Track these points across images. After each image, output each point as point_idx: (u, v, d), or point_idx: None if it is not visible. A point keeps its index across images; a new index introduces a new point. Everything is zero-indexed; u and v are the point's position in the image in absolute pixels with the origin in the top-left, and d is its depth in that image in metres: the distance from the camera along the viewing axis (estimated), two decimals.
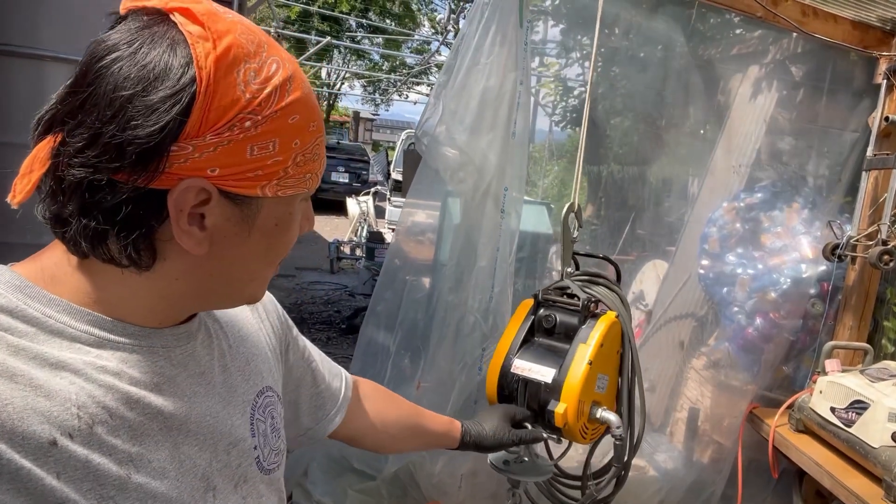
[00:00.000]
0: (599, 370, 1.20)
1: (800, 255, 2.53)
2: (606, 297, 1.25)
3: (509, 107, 1.90)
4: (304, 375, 0.89)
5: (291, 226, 0.64)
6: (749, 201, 2.78)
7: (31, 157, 0.56)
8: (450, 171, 1.95)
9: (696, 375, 2.95)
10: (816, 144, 2.54)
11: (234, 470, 0.66)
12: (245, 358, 0.73)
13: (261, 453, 0.70)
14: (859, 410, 1.88)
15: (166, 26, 0.54)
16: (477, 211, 1.94)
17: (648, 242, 4.03)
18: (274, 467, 0.73)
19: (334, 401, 0.94)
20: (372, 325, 2.04)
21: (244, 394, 0.70)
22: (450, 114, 1.92)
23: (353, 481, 2.42)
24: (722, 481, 2.34)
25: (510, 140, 1.90)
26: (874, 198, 2.26)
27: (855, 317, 2.35)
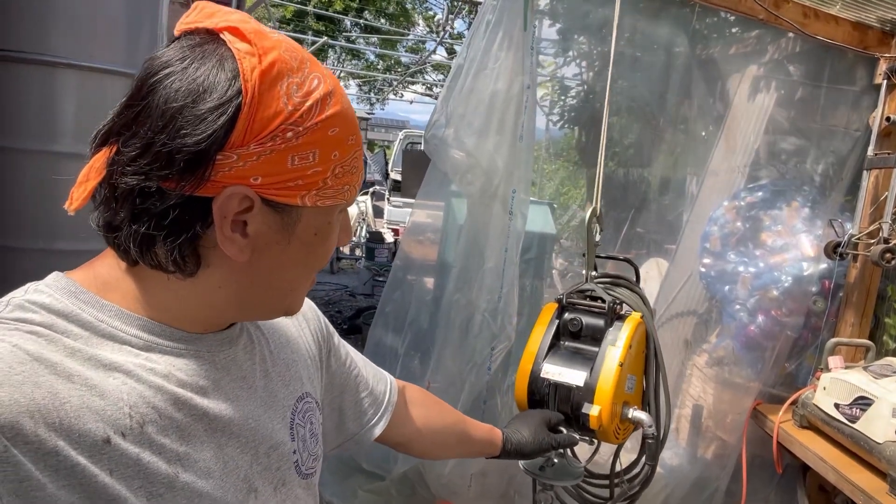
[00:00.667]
0: (629, 371, 1.23)
1: (801, 254, 2.56)
2: (630, 299, 1.28)
3: (516, 110, 1.92)
4: (347, 381, 0.91)
5: (330, 236, 0.66)
6: (750, 200, 2.81)
7: (88, 167, 0.59)
8: (458, 173, 1.97)
9: (698, 373, 2.98)
10: (816, 143, 2.57)
11: (274, 473, 0.68)
12: (285, 364, 0.74)
13: (300, 458, 0.72)
14: (863, 406, 1.91)
15: (216, 44, 0.57)
16: (485, 213, 1.96)
17: (648, 240, 4.05)
18: (311, 472, 0.75)
19: (378, 406, 0.94)
20: (380, 326, 2.06)
21: (284, 399, 0.72)
22: (458, 117, 1.94)
23: (363, 482, 2.44)
24: (726, 477, 2.37)
25: (517, 143, 1.93)
26: (875, 196, 2.29)
27: (856, 314, 2.39)
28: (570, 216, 5.84)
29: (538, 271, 2.46)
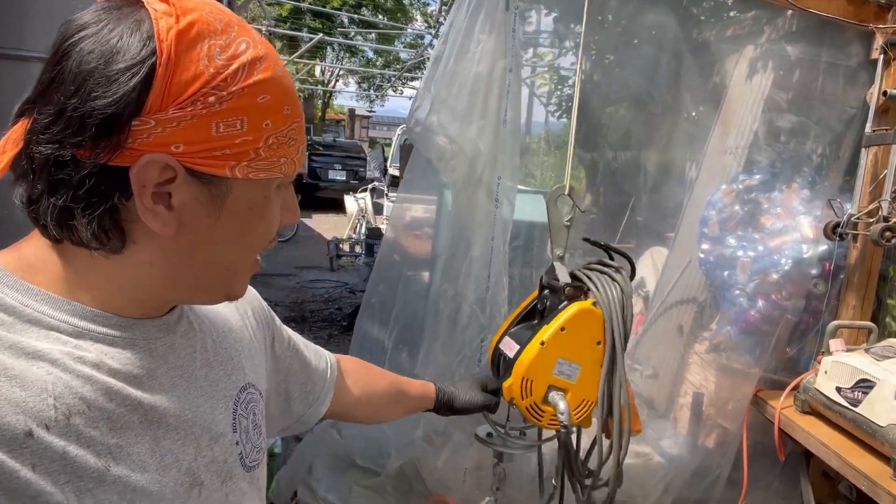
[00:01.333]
0: (560, 354, 1.18)
1: (800, 236, 2.50)
2: (601, 286, 1.22)
3: (499, 95, 1.87)
4: (292, 364, 0.90)
5: (266, 213, 0.63)
6: (748, 183, 2.75)
7: (6, 138, 0.56)
8: (442, 160, 1.92)
9: (698, 360, 2.93)
10: (814, 122, 2.51)
11: (221, 465, 0.66)
12: (228, 354, 0.72)
13: (243, 449, 0.70)
14: (865, 389, 1.86)
15: (135, 7, 0.55)
16: (469, 200, 1.91)
17: (648, 229, 4.01)
18: (255, 465, 0.72)
19: (322, 383, 0.95)
20: (366, 319, 2.01)
21: (226, 389, 0.70)
22: (440, 102, 1.89)
23: (358, 477, 2.41)
24: (727, 465, 2.32)
25: (501, 128, 1.88)
26: (874, 174, 2.23)
27: (858, 296, 2.33)
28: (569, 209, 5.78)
29: (528, 260, 2.42)
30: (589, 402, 1.24)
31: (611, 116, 4.38)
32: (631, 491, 2.27)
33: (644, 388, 3.04)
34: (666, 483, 2.28)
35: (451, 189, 1.96)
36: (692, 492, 2.29)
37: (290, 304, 6.09)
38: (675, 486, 2.27)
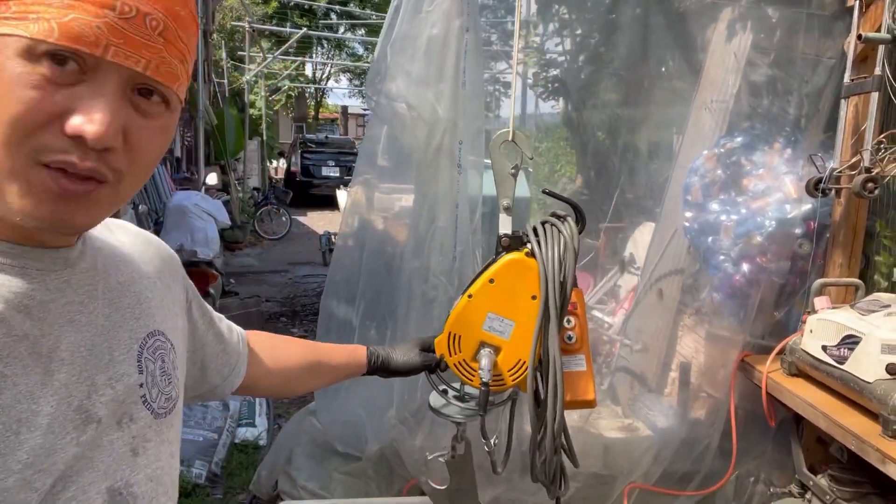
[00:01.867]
0: (490, 309, 1.09)
1: (784, 196, 2.42)
2: (541, 236, 1.13)
3: (456, 56, 1.80)
4: (207, 335, 0.88)
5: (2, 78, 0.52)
6: (729, 146, 2.68)
7: None
8: (402, 128, 1.85)
9: (688, 331, 2.87)
10: (793, 77, 2.43)
11: (119, 405, 0.63)
12: (136, 298, 0.70)
13: (148, 392, 0.67)
14: (851, 346, 1.78)
15: None
16: (431, 168, 1.84)
17: (639, 206, 3.95)
18: (164, 412, 0.69)
19: (237, 356, 0.94)
20: (331, 297, 1.94)
21: (132, 331, 0.67)
22: (396, 68, 1.82)
23: (338, 464, 2.35)
24: (716, 434, 2.25)
25: (460, 91, 1.80)
26: (856, 126, 2.15)
27: (844, 253, 2.25)
28: (561, 190, 5.73)
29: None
30: (525, 362, 1.12)
31: (597, 96, 4.32)
32: (617, 465, 2.20)
33: (634, 362, 2.97)
34: (653, 455, 2.22)
35: (412, 158, 1.89)
36: (681, 463, 2.22)
37: (282, 300, 6.03)
38: (664, 457, 2.20)
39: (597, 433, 2.45)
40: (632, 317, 3.28)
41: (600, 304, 4.03)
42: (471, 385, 1.14)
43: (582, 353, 1.26)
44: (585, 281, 4.19)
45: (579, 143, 4.64)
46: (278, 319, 5.34)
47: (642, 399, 2.76)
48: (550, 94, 5.50)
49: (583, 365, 1.26)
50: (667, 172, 3.25)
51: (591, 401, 1.25)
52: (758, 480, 2.45)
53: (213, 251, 3.78)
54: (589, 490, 2.13)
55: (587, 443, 2.26)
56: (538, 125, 6.33)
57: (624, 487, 2.13)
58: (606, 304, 4.02)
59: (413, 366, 1.12)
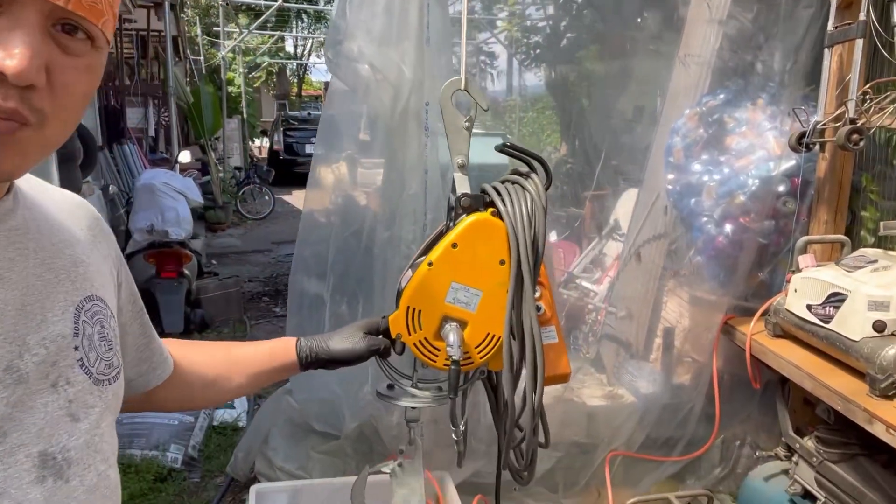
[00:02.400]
0: (453, 277, 0.98)
1: (767, 153, 2.35)
2: (505, 194, 1.03)
3: (419, 10, 1.69)
4: (133, 323, 0.82)
5: None
6: (711, 104, 2.60)
7: None
8: (364, 89, 1.75)
9: (672, 296, 2.82)
10: (774, 28, 2.34)
11: (51, 367, 0.60)
12: (73, 261, 0.67)
13: (85, 356, 0.64)
14: (836, 304, 1.73)
15: None
16: (398, 132, 1.75)
17: (623, 173, 3.88)
18: (105, 380, 0.66)
19: (161, 357, 0.87)
20: (300, 273, 1.86)
21: (68, 293, 0.64)
22: (356, 26, 1.72)
23: (316, 443, 2.29)
24: (700, 399, 2.20)
25: (425, 48, 1.70)
26: (840, 77, 2.07)
27: (829, 210, 2.19)
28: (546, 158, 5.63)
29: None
30: (496, 336, 1.02)
31: (580, 61, 4.22)
32: (599, 433, 2.15)
33: (619, 329, 2.92)
34: (636, 421, 2.17)
35: (379, 123, 1.79)
36: (664, 429, 2.18)
37: (265, 280, 5.93)
38: (646, 423, 2.15)
39: (580, 402, 2.40)
40: (616, 284, 3.23)
41: (586, 272, 3.98)
42: (434, 367, 1.02)
43: (552, 323, 1.17)
44: (571, 249, 4.13)
45: (563, 111, 4.55)
46: (260, 299, 5.25)
47: (626, 366, 2.72)
48: (532, 60, 5.39)
49: (555, 336, 1.17)
50: (651, 137, 3.18)
51: (567, 374, 1.17)
52: (744, 444, 2.42)
53: (186, 231, 3.67)
54: (571, 459, 2.09)
55: (569, 412, 2.21)
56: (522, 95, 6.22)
57: (606, 455, 2.08)
58: (592, 273, 3.97)
59: (357, 353, 0.98)
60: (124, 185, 5.15)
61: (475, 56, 7.38)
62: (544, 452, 1.30)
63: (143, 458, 2.52)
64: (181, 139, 9.96)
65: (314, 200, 1.88)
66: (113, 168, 5.27)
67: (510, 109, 6.43)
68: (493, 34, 6.47)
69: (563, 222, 4.37)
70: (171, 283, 3.58)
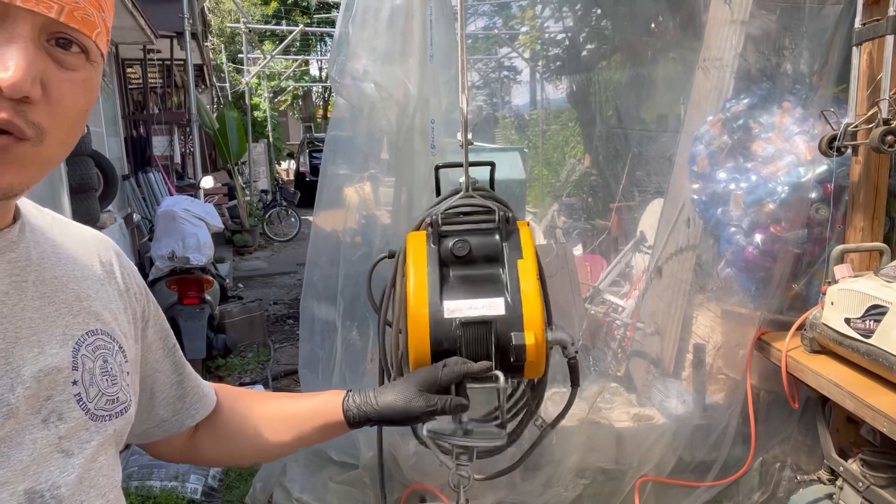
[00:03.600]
0: None
1: (796, 158, 2.24)
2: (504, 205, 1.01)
3: (422, 28, 1.65)
4: (164, 361, 0.81)
5: None
6: (735, 109, 2.49)
7: None
8: (370, 108, 1.71)
9: (703, 310, 2.70)
10: (799, 27, 2.24)
11: (44, 402, 0.59)
12: (76, 295, 0.66)
13: (84, 391, 0.62)
14: (877, 317, 1.61)
15: None
16: (405, 150, 1.70)
17: (649, 183, 3.79)
18: (105, 416, 0.64)
19: (196, 394, 0.85)
20: (311, 298, 1.81)
21: (68, 327, 0.63)
22: (359, 45, 1.67)
23: (334, 473, 2.23)
24: (734, 418, 2.08)
25: (429, 65, 1.65)
26: (871, 76, 1.96)
27: (866, 216, 2.06)
28: (570, 171, 5.55)
29: None
30: None
31: (602, 72, 4.17)
32: (627, 458, 2.05)
33: (649, 346, 2.82)
34: (666, 443, 2.06)
35: (386, 141, 1.75)
36: (697, 452, 2.06)
37: (290, 302, 5.93)
38: (677, 445, 2.04)
39: (607, 424, 2.29)
40: (644, 299, 3.13)
41: (614, 286, 3.88)
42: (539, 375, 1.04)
43: None
44: (598, 263, 4.03)
45: (585, 122, 4.48)
46: (285, 322, 5.24)
47: (657, 384, 2.61)
48: (553, 73, 5.33)
49: None
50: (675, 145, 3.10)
51: None
52: (784, 466, 2.28)
53: (206, 256, 3.67)
54: (598, 486, 1.98)
55: (596, 435, 2.11)
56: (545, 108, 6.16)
57: (635, 482, 1.98)
58: (620, 287, 3.87)
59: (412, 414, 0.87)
60: (149, 213, 5.21)
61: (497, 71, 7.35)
62: (571, 480, 1.25)
63: (162, 490, 2.49)
64: (209, 165, 10.10)
65: (324, 222, 1.84)
66: (139, 196, 5.35)
67: (533, 123, 6.38)
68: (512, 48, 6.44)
69: (590, 235, 4.28)
70: (194, 309, 3.58)
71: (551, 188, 5.49)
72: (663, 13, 3.19)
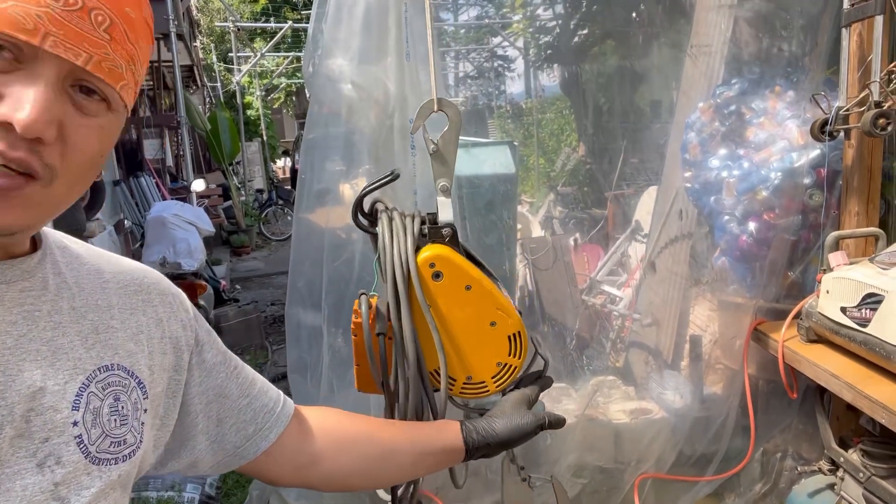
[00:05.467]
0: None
1: (789, 143, 2.20)
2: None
3: (397, 25, 1.61)
4: (229, 381, 0.78)
5: None
6: (727, 95, 2.45)
7: None
8: (348, 109, 1.67)
9: (700, 300, 2.67)
10: (787, 9, 2.20)
11: (39, 444, 0.55)
12: (94, 327, 0.63)
13: (85, 433, 0.59)
14: (873, 305, 1.58)
15: None
16: (385, 151, 1.66)
17: (644, 170, 3.77)
18: (109, 459, 0.60)
19: (267, 414, 0.81)
20: (296, 305, 1.78)
21: (80, 360, 0.60)
22: (333, 43, 1.63)
23: None
24: (733, 409, 2.05)
25: (405, 63, 1.61)
26: (861, 58, 1.92)
27: (860, 201, 2.03)
28: (564, 160, 5.51)
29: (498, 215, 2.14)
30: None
31: (594, 59, 4.12)
32: (625, 455, 2.02)
33: (646, 338, 2.79)
34: (666, 437, 2.03)
35: (364, 143, 1.71)
36: (697, 445, 2.03)
37: None
38: (676, 439, 2.01)
39: (605, 420, 2.27)
40: (640, 289, 3.10)
41: (611, 275, 3.85)
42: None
43: None
44: (595, 252, 4.00)
45: (578, 110, 4.44)
46: (283, 323, 5.21)
47: (655, 377, 2.58)
48: (545, 61, 5.28)
49: None
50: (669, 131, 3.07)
51: None
52: (785, 456, 2.26)
53: (198, 261, 3.65)
54: (596, 485, 1.96)
55: (593, 433, 2.08)
56: (540, 97, 6.10)
57: (635, 479, 1.95)
58: (617, 277, 3.84)
59: (526, 430, 0.90)
60: (141, 219, 5.19)
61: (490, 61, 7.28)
62: (569, 480, 1.24)
63: (158, 500, 2.47)
64: (203, 166, 10.06)
65: (304, 227, 1.80)
66: (130, 201, 5.32)
67: (528, 112, 6.32)
68: (504, 37, 6.37)
69: (587, 224, 4.24)
70: None
71: (547, 178, 5.44)
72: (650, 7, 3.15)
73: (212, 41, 13.90)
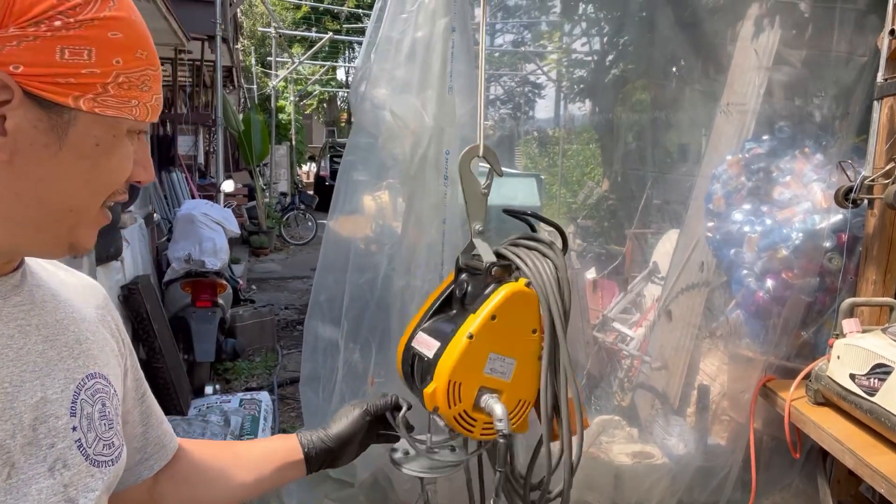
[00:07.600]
0: (492, 349, 0.97)
1: (812, 205, 2.23)
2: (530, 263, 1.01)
3: (442, 59, 1.67)
4: (133, 410, 0.80)
5: (115, 153, 0.60)
6: (756, 151, 2.49)
7: None
8: (387, 135, 1.73)
9: (711, 350, 2.69)
10: (823, 75, 2.24)
11: (47, 450, 0.59)
12: (76, 338, 0.67)
13: (83, 437, 0.63)
14: (882, 376, 1.60)
15: None
16: (417, 180, 1.72)
17: (667, 212, 3.77)
18: (105, 461, 0.65)
19: (156, 446, 0.83)
20: (316, 318, 1.83)
21: (68, 371, 0.64)
22: (379, 72, 1.70)
23: (330, 489, 2.24)
24: (737, 463, 2.06)
25: (447, 96, 1.67)
26: (890, 130, 1.95)
27: (878, 269, 2.05)
28: (587, 193, 5.53)
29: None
30: (526, 402, 1.04)
31: (626, 97, 4.17)
32: (625, 497, 2.04)
33: (655, 380, 2.80)
34: (667, 484, 2.05)
35: (397, 169, 1.77)
36: (696, 494, 2.05)
37: (301, 307, 5.96)
38: (677, 487, 2.03)
39: (607, 460, 2.29)
40: (653, 332, 3.11)
41: (624, 313, 3.86)
42: (471, 437, 1.00)
43: None
44: (610, 289, 4.01)
45: (606, 145, 4.48)
46: (294, 328, 5.27)
47: (660, 421, 2.59)
48: (577, 95, 5.33)
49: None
50: (695, 176, 3.10)
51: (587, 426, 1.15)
52: None
53: (222, 260, 3.72)
54: None
55: (595, 472, 2.10)
56: (567, 127, 6.14)
57: None
58: (630, 316, 3.85)
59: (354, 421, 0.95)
60: (169, 213, 5.29)
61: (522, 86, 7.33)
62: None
63: None
64: (231, 165, 10.23)
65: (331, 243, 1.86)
66: (160, 195, 5.43)
67: (555, 141, 6.35)
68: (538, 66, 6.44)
69: (603, 260, 4.26)
70: (206, 312, 3.62)
71: (568, 209, 5.46)
72: (689, 46, 3.20)
73: (252, 44, 14.18)
